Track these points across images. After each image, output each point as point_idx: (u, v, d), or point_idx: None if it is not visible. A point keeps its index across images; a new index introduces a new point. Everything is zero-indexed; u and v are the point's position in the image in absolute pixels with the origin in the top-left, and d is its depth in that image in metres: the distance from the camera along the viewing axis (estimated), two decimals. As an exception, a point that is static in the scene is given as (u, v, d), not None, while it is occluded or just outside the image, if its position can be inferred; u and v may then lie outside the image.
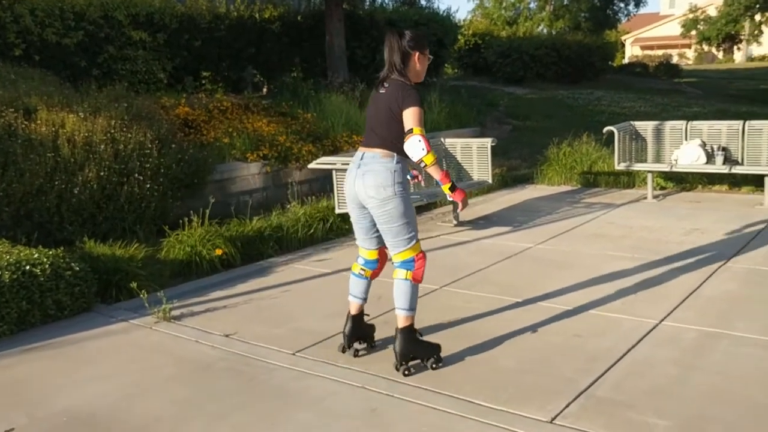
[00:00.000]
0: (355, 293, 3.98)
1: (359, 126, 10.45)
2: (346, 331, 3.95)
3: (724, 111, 17.65)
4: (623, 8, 28.48)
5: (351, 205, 3.79)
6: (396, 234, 3.65)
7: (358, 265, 3.97)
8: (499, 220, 7.48)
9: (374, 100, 3.71)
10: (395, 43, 3.59)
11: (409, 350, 3.70)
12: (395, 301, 3.72)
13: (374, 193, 3.55)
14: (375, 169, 3.56)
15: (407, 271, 3.70)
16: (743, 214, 7.17)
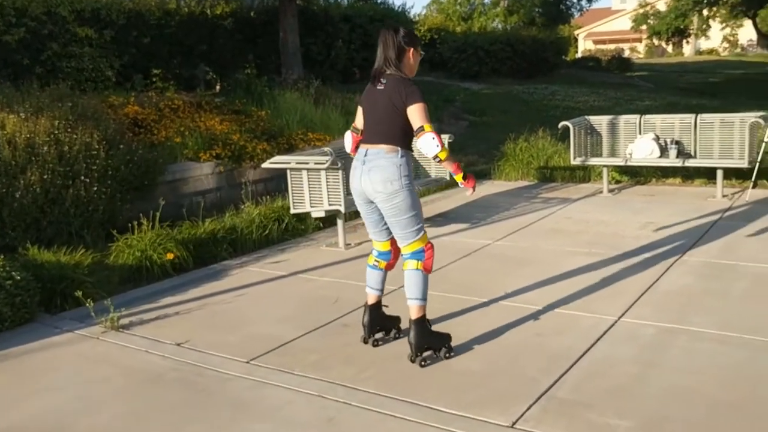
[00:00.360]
0: (371, 284, 4.02)
1: (314, 123, 10.32)
2: (365, 322, 4.01)
3: (675, 104, 17.98)
4: (576, 3, 28.84)
5: (358, 200, 3.86)
6: (405, 226, 3.73)
7: (373, 258, 4.02)
8: (457, 217, 7.43)
9: (371, 96, 3.76)
10: (390, 39, 3.66)
11: (424, 341, 3.74)
12: (407, 292, 3.76)
13: (381, 188, 3.63)
14: (381, 164, 3.64)
15: (418, 262, 3.75)
16: (697, 206, 7.25)
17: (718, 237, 6.01)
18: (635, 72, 31.17)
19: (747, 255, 5.44)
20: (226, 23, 13.70)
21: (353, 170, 3.82)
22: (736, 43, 60.47)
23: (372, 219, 3.90)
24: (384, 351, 3.97)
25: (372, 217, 3.89)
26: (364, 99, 3.86)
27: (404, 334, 4.04)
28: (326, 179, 6.03)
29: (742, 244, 5.79)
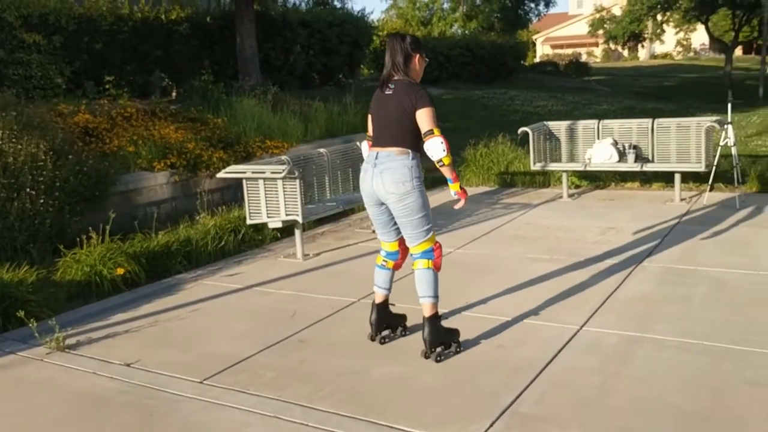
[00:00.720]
0: (379, 284, 4.12)
1: (272, 130, 10.14)
2: (372, 320, 4.11)
3: (632, 108, 18.26)
4: (534, 8, 29.11)
5: (369, 201, 3.95)
6: (416, 226, 3.83)
7: (381, 257, 4.12)
8: (418, 225, 7.33)
9: (380, 101, 3.87)
10: (398, 45, 3.78)
11: (437, 338, 3.85)
12: (420, 291, 3.86)
13: (393, 189, 3.74)
14: (392, 166, 3.74)
15: (428, 261, 3.87)
16: (655, 211, 7.28)
17: (678, 242, 6.03)
18: (592, 76, 31.63)
19: (706, 259, 5.46)
20: (181, 29, 13.44)
21: (363, 173, 3.92)
22: (689, 47, 61.86)
23: (381, 220, 3.99)
24: (341, 366, 3.84)
25: (381, 218, 3.98)
26: (373, 105, 3.95)
27: (410, 332, 4.21)
28: (283, 189, 5.88)
29: (701, 248, 5.81)
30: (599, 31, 53.56)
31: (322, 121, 11.34)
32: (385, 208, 3.91)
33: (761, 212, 6.95)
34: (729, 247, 5.78)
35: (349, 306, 4.87)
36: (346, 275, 5.68)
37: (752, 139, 11.72)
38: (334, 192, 7.05)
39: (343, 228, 7.41)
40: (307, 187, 6.72)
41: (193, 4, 14.35)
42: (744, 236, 6.07)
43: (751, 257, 5.44)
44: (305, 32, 17.04)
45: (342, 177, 7.19)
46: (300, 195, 5.84)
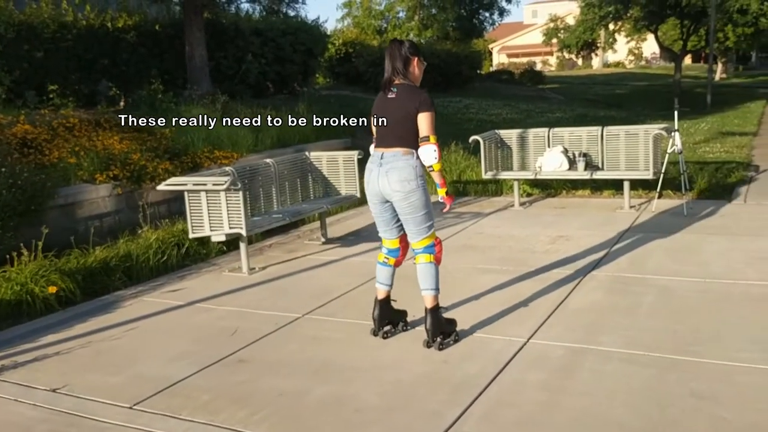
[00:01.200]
0: (381, 280, 4.29)
1: (221, 140, 9.92)
2: (375, 316, 4.27)
3: (585, 115, 18.46)
4: (488, 18, 29.31)
5: (374, 200, 4.13)
6: (419, 222, 4.03)
7: (383, 255, 4.27)
8: (369, 236, 7.20)
9: (384, 103, 4.05)
10: (397, 50, 3.96)
11: (439, 327, 4.06)
12: (422, 284, 4.07)
13: (399, 187, 3.92)
14: (398, 166, 3.92)
15: (430, 255, 4.08)
16: (605, 218, 7.29)
17: (626, 250, 6.01)
18: (547, 84, 32.02)
19: (654, 267, 5.44)
20: (129, 37, 13.10)
21: (368, 173, 4.10)
22: (640, 56, 63.21)
23: (384, 218, 4.18)
24: (280, 387, 3.68)
25: (385, 216, 4.17)
26: (376, 108, 4.13)
27: (411, 327, 4.40)
28: (226, 201, 5.70)
29: (649, 256, 5.80)
30: (553, 40, 54.56)
31: (273, 131, 11.16)
32: (388, 206, 4.10)
33: (708, 219, 7.00)
34: (677, 254, 5.78)
35: (294, 322, 4.71)
36: (292, 289, 5.52)
37: (700, 146, 11.90)
38: (282, 203, 6.89)
39: (292, 240, 7.24)
40: (253, 199, 6.55)
41: (141, 12, 13.99)
42: (691, 243, 6.09)
43: (698, 264, 5.44)
44: (258, 41, 16.81)
45: (290, 188, 7.03)
46: (244, 207, 5.67)
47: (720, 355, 3.72)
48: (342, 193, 7.23)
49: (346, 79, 24.15)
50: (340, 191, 7.24)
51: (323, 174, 7.26)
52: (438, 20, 26.85)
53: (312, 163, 7.30)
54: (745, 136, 13.30)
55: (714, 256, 5.67)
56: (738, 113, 19.00)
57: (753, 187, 8.39)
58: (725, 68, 46.41)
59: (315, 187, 7.32)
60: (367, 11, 28.29)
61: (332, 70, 25.01)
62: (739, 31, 31.54)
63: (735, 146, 11.76)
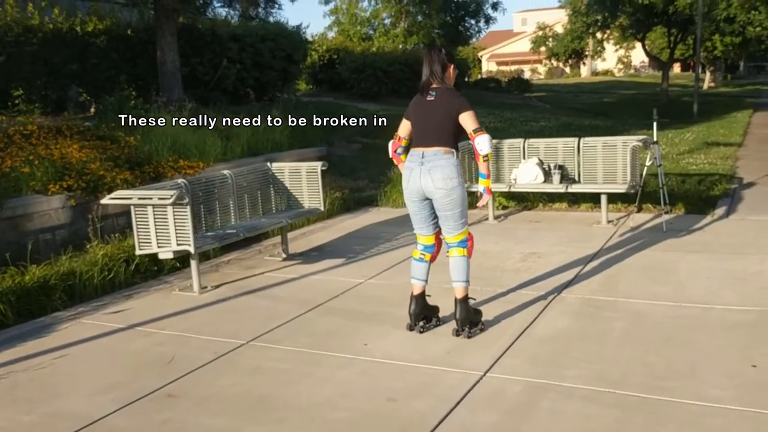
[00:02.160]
0: (417, 276, 4.46)
1: (187, 149, 9.55)
2: (411, 311, 4.44)
3: (569, 124, 18.18)
4: (474, 25, 29.08)
5: (413, 198, 4.33)
6: (457, 218, 4.28)
7: (418, 251, 4.49)
8: (333, 251, 6.86)
9: (422, 105, 4.27)
10: (436, 56, 4.26)
11: (468, 317, 4.31)
12: (454, 276, 4.31)
13: (442, 184, 4.15)
14: (440, 164, 4.15)
15: (464, 249, 4.32)
16: (581, 234, 6.97)
17: (600, 269, 5.69)
18: (534, 92, 31.81)
19: (627, 289, 5.12)
20: (99, 41, 12.74)
21: (409, 171, 4.27)
22: (629, 64, 63.28)
23: (423, 215, 4.39)
24: (208, 427, 3.32)
25: (423, 213, 4.38)
26: (413, 109, 4.36)
27: (442, 322, 4.53)
28: (174, 216, 5.33)
29: (623, 275, 5.48)
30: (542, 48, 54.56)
31: (244, 139, 10.81)
32: (427, 204, 4.32)
33: (688, 235, 6.69)
34: (652, 274, 5.46)
35: (237, 349, 4.35)
36: (243, 311, 5.16)
37: (684, 157, 11.62)
38: (240, 217, 6.53)
39: (252, 255, 6.88)
40: (208, 213, 6.19)
41: (113, 16, 13.62)
42: (669, 262, 5.77)
43: (674, 286, 5.12)
44: (237, 46, 16.47)
45: (250, 201, 6.67)
46: (192, 223, 5.30)
47: (692, 393, 3.38)
48: (305, 206, 6.87)
49: (329, 85, 23.83)
50: (303, 204, 6.88)
51: (286, 186, 6.91)
52: (423, 27, 26.56)
53: (274, 174, 6.94)
54: (730, 147, 13.04)
55: (691, 276, 5.35)
56: (724, 123, 18.77)
57: (736, 200, 8.10)
58: (713, 77, 46.40)
59: (277, 200, 6.97)
60: (352, 18, 27.99)
61: (315, 76, 24.68)
62: (727, 40, 31.51)
63: (719, 157, 11.49)
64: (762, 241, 6.28)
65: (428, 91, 4.26)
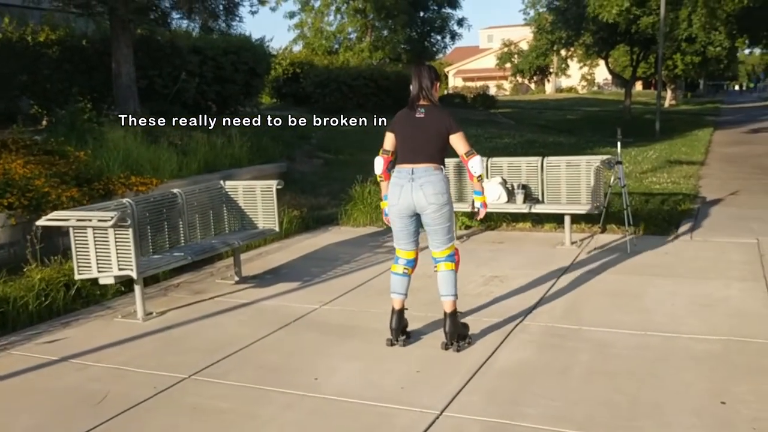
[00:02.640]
0: (399, 290, 4.49)
1: (140, 165, 9.19)
2: (394, 326, 4.46)
3: (533, 142, 18.16)
4: (440, 41, 29.10)
5: (402, 214, 4.38)
6: (446, 233, 4.39)
7: (401, 266, 4.53)
8: (289, 274, 6.58)
9: (412, 121, 4.31)
10: (426, 72, 4.33)
11: (457, 330, 4.39)
12: (443, 290, 4.39)
13: (434, 199, 4.25)
14: (432, 180, 4.25)
15: (452, 263, 4.41)
16: (544, 256, 6.79)
17: (564, 293, 5.51)
18: (499, 109, 31.91)
19: (591, 316, 4.93)
20: (51, 51, 12.31)
21: (398, 188, 4.32)
22: (593, 81, 64.19)
23: (409, 231, 4.46)
24: (137, 480, 3.01)
25: (410, 228, 4.46)
26: (400, 123, 4.39)
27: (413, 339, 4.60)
28: (115, 239, 5.00)
29: (587, 301, 5.30)
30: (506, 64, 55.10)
31: (200, 154, 10.48)
32: (414, 219, 4.42)
33: (652, 257, 6.56)
34: (617, 299, 5.29)
35: (176, 385, 4.03)
36: (188, 341, 4.85)
37: (647, 176, 11.59)
38: (190, 238, 6.22)
39: (203, 278, 6.56)
40: (156, 234, 5.87)
41: (67, 26, 13.19)
42: (633, 287, 5.61)
43: (639, 313, 4.95)
44: (198, 59, 16.13)
45: (202, 221, 6.37)
46: (134, 246, 4.98)
47: (659, 434, 3.18)
48: (260, 226, 6.59)
49: (293, 99, 23.56)
50: (258, 224, 6.59)
51: (239, 205, 6.62)
52: (389, 42, 26.47)
53: (228, 193, 6.65)
54: (692, 165, 13.08)
55: (656, 301, 5.18)
56: (686, 141, 18.96)
57: (699, 220, 8.02)
58: (675, 95, 47.22)
59: (231, 220, 6.67)
60: (318, 32, 27.79)
61: (279, 90, 24.40)
62: (688, 59, 32.05)
63: (682, 176, 11.49)
64: (725, 264, 6.17)
65: (417, 107, 4.31)
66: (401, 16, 25.08)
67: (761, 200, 9.35)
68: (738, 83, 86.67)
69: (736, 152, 16.12)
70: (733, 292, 5.31)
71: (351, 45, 27.40)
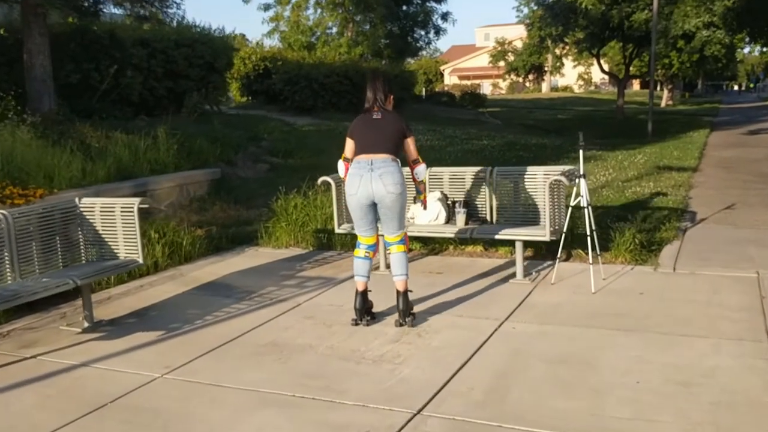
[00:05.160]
0: (362, 273, 4.75)
1: (27, 172, 7.75)
2: (358, 306, 4.72)
3: (513, 143, 16.73)
4: (424, 36, 27.60)
5: (362, 203, 4.64)
6: (400, 219, 4.72)
7: (362, 250, 4.78)
8: (157, 318, 5.14)
9: (371, 122, 4.69)
10: (380, 84, 4.75)
11: (410, 308, 4.70)
12: (396, 270, 4.68)
13: (393, 189, 4.57)
14: (391, 170, 4.58)
15: (403, 245, 4.74)
16: (488, 295, 5.36)
17: (494, 359, 4.07)
18: (488, 108, 30.44)
19: (522, 402, 3.49)
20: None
21: (357, 178, 4.59)
22: (590, 80, 62.80)
23: (369, 218, 4.72)
24: None
25: (369, 216, 4.71)
26: (358, 126, 4.72)
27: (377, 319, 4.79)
28: None
29: (523, 373, 3.86)
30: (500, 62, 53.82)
31: (115, 158, 9.06)
32: (373, 208, 4.65)
33: (621, 298, 5.12)
34: (562, 370, 3.85)
35: None
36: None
37: (631, 184, 10.13)
38: (22, 274, 4.78)
39: (47, 322, 5.12)
40: (-35, 270, 4.43)
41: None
42: (588, 349, 4.17)
43: (590, 398, 3.50)
44: (145, 52, 14.72)
45: (41, 250, 4.93)
46: None
47: None
48: (121, 256, 5.14)
49: (265, 97, 22.09)
50: (118, 254, 5.15)
51: (96, 229, 5.18)
52: (369, 37, 25.00)
53: (83, 213, 5.21)
54: (683, 172, 11.63)
55: (617, 377, 3.74)
56: (679, 143, 17.50)
57: (686, 245, 6.59)
58: (671, 95, 45.77)
59: (88, 249, 5.24)
60: (295, 26, 26.30)
61: (250, 87, 22.93)
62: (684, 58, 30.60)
63: (671, 185, 10.05)
64: (715, 311, 4.74)
65: (374, 111, 4.67)
66: (379, 8, 23.58)
67: (760, 216, 7.92)
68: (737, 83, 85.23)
69: (732, 156, 14.66)
70: (723, 361, 3.88)
71: (329, 40, 25.91)
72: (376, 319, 4.80)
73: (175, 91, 15.40)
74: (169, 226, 6.88)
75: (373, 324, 4.71)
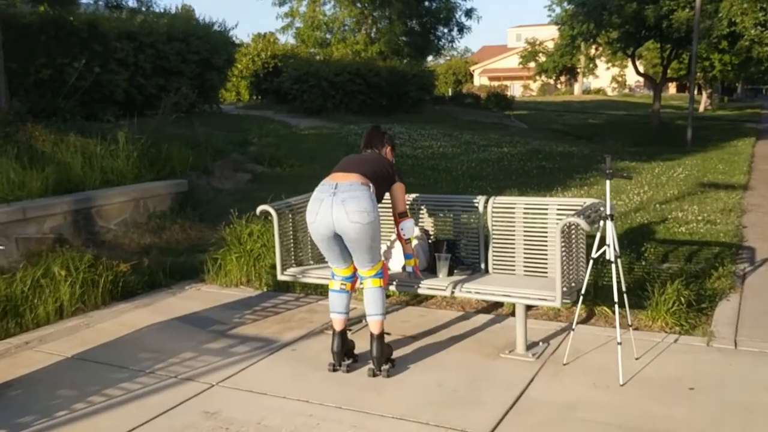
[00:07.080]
0: (338, 309, 4.01)
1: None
2: (336, 349, 3.97)
3: (538, 151, 15.11)
4: (447, 33, 25.99)
5: (324, 234, 3.84)
6: (373, 251, 3.89)
7: (337, 282, 4.04)
8: (10, 403, 3.72)
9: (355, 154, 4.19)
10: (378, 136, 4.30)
11: (386, 355, 3.93)
12: (370, 309, 3.93)
13: (359, 218, 3.74)
14: (356, 195, 3.77)
15: (380, 279, 3.96)
16: (472, 378, 3.84)
17: None
18: (515, 111, 28.75)
19: None
20: None
21: (318, 203, 3.82)
22: (624, 83, 60.55)
23: (336, 251, 3.92)
24: None
25: (336, 249, 3.91)
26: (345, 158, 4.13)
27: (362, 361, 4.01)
28: None
29: None
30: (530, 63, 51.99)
31: (57, 167, 7.72)
32: (338, 239, 3.85)
33: (663, 402, 3.56)
34: None
35: None
36: None
37: (670, 207, 8.49)
38: None
39: None
40: None
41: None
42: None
43: None
44: (131, 46, 13.46)
45: None
46: None
47: None
48: None
49: (275, 97, 20.72)
50: None
51: None
52: (386, 34, 23.51)
53: None
54: (732, 191, 9.93)
55: None
56: (723, 154, 15.70)
57: (747, 301, 4.98)
58: (710, 99, 43.47)
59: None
60: (310, 21, 24.91)
61: (259, 86, 21.61)
62: (726, 59, 28.57)
63: (719, 209, 8.37)
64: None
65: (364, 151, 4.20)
66: (397, 4, 22.07)
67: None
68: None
69: (787, 171, 12.89)
70: None
71: (344, 37, 24.48)
72: (359, 363, 4.03)
73: (167, 89, 14.10)
74: (83, 259, 5.46)
75: (356, 369, 3.97)
